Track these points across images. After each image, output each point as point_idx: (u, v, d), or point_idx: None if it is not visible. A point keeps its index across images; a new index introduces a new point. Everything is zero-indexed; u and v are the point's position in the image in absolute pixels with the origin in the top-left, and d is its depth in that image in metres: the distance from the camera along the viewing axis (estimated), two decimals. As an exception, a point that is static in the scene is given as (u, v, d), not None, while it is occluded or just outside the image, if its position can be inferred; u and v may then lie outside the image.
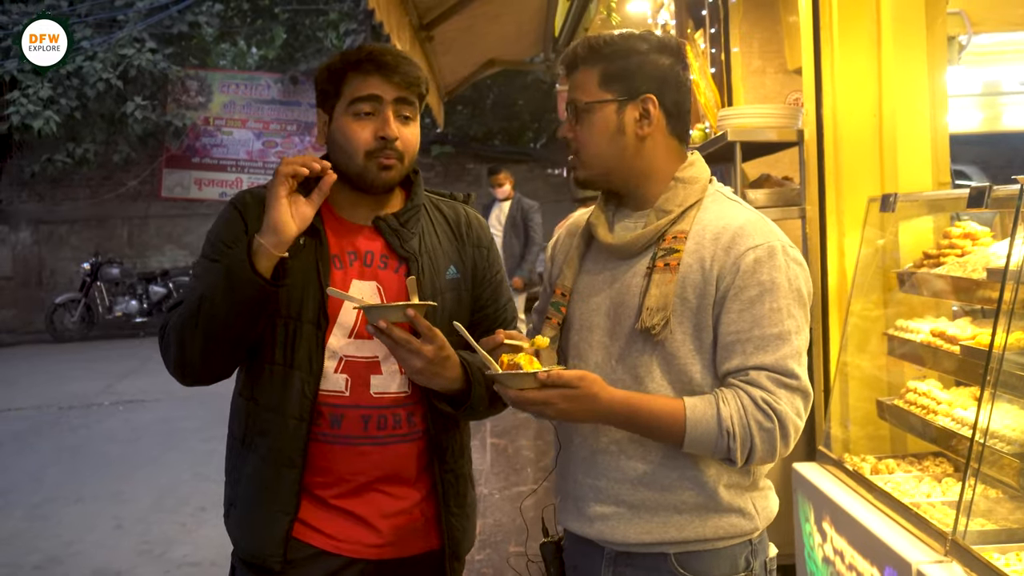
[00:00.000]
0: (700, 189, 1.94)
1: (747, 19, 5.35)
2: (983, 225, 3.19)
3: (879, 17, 3.55)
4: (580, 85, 1.94)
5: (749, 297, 1.81)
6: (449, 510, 2.13)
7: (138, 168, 18.91)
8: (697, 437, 1.78)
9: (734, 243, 1.84)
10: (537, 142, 21.88)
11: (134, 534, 5.90)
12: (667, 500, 1.87)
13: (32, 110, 16.40)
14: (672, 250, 1.86)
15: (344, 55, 2.07)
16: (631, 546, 1.90)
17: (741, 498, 1.89)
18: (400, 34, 5.95)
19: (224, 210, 2.11)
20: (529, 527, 2.35)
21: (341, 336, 2.03)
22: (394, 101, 2.01)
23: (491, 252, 2.25)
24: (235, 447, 2.12)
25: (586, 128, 1.94)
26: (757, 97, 5.33)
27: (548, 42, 9.95)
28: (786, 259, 1.84)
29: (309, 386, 2.00)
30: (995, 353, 2.49)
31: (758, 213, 1.95)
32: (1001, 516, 2.63)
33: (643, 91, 1.92)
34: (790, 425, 1.77)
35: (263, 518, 2.03)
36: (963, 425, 2.80)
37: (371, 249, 2.08)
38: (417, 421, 2.08)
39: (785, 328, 1.81)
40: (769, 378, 1.78)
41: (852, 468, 3.19)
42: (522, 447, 7.34)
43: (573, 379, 1.75)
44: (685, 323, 1.85)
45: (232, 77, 19.74)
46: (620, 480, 1.90)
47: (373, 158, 2.01)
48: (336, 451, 2.03)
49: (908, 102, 3.51)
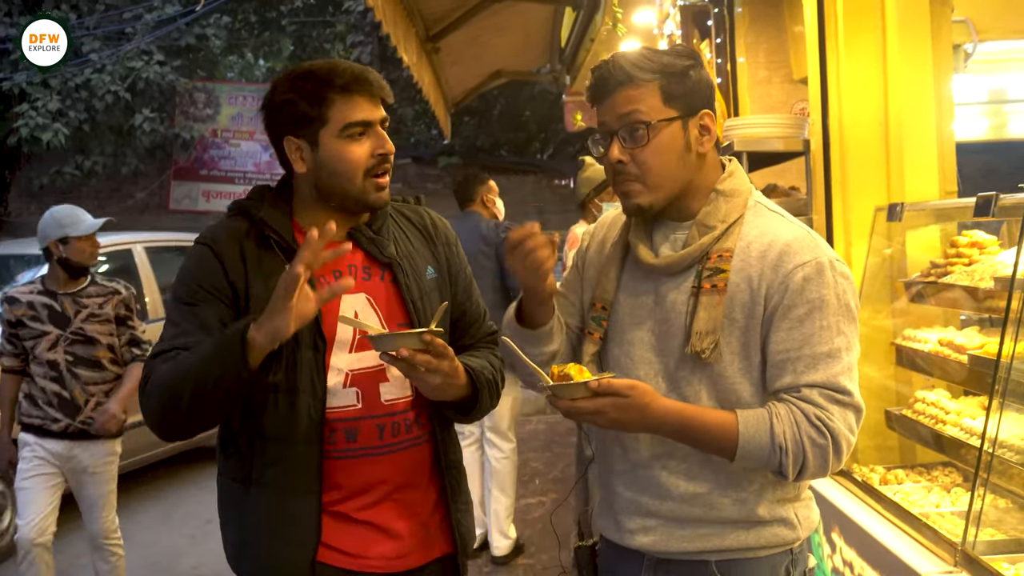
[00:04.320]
0: (742, 203, 1.90)
1: (753, 29, 5.37)
2: (990, 234, 3.18)
3: (884, 26, 3.55)
4: (635, 101, 1.83)
5: (798, 315, 1.78)
6: (458, 507, 2.15)
7: (146, 180, 19.00)
8: (750, 452, 1.76)
9: (782, 261, 1.81)
10: (544, 153, 21.91)
11: (141, 547, 5.89)
12: (709, 515, 1.87)
13: (41, 123, 16.47)
14: (718, 270, 1.83)
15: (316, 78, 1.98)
16: (672, 554, 1.90)
17: (784, 509, 1.89)
18: (406, 46, 5.97)
19: (195, 251, 2.04)
20: (542, 535, 2.37)
21: (342, 353, 2.02)
22: (380, 120, 2.03)
23: (458, 249, 2.28)
24: (234, 488, 2.05)
25: (652, 149, 1.84)
26: (763, 107, 5.34)
27: (555, 53, 9.96)
28: (834, 275, 1.81)
29: (315, 410, 1.97)
30: (1003, 362, 2.49)
31: (804, 227, 1.90)
32: (1011, 526, 2.62)
33: (700, 106, 1.88)
34: (843, 441, 1.76)
35: (286, 553, 1.99)
36: (972, 435, 2.78)
37: (353, 263, 2.06)
38: (424, 422, 2.10)
39: (835, 346, 1.79)
40: (822, 395, 1.77)
41: (861, 478, 3.18)
42: (530, 459, 7.34)
43: (624, 388, 1.73)
44: (733, 343, 1.83)
45: (240, 89, 19.84)
46: (662, 496, 1.88)
47: (371, 176, 2.00)
48: (354, 465, 2.01)
49: (914, 111, 3.50)
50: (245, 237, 2.02)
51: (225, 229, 2.05)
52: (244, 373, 1.81)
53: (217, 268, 1.99)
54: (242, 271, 1.99)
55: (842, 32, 3.59)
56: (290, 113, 2.00)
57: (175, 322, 2.01)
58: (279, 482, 1.99)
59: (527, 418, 9.05)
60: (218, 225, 2.09)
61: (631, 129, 1.84)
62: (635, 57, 1.86)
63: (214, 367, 1.84)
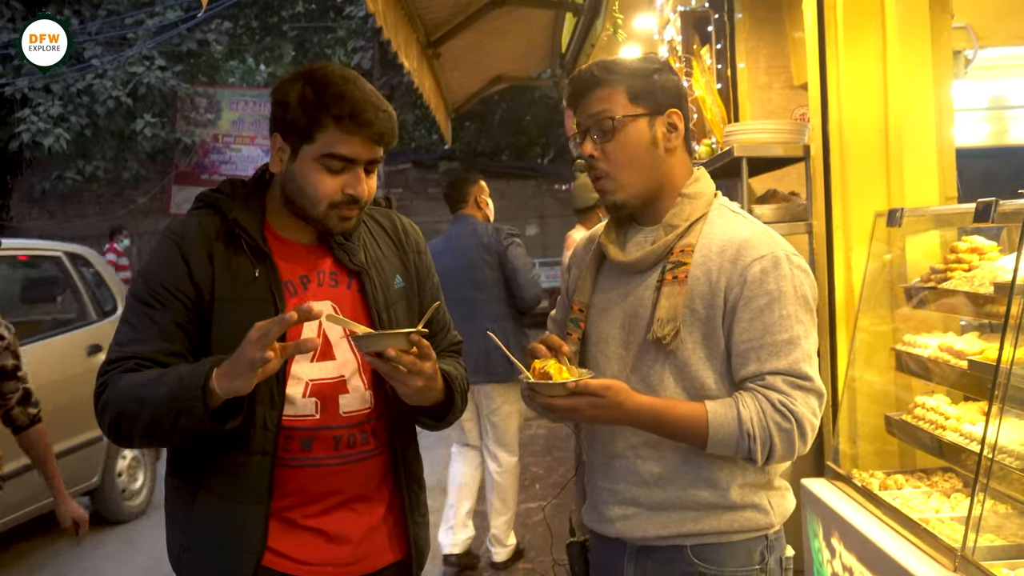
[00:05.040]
0: (705, 204, 2.01)
1: (753, 35, 5.37)
2: (990, 240, 3.19)
3: (884, 31, 3.56)
4: (605, 102, 1.97)
5: (758, 306, 1.89)
6: (414, 519, 2.13)
7: (148, 185, 19.04)
8: (720, 439, 1.86)
9: (739, 255, 1.92)
10: (545, 157, 21.93)
11: (144, 550, 5.90)
12: (683, 500, 1.95)
13: (42, 128, 16.53)
14: (680, 263, 1.94)
15: (320, 95, 1.90)
16: (650, 540, 1.98)
17: (756, 495, 1.97)
18: (407, 51, 5.97)
19: (162, 246, 1.98)
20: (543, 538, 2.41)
21: (304, 361, 1.98)
22: (368, 161, 1.95)
23: (427, 256, 2.25)
24: (183, 489, 2.00)
25: (619, 144, 1.97)
26: (763, 112, 5.34)
27: (555, 58, 9.98)
28: (790, 267, 1.92)
29: (271, 419, 1.93)
30: (1003, 368, 2.49)
31: (762, 226, 2.02)
32: (1011, 532, 2.62)
33: (667, 106, 1.99)
34: (807, 424, 1.86)
35: (229, 561, 1.95)
36: (972, 440, 2.78)
37: (322, 268, 2.04)
38: (380, 434, 2.06)
39: (795, 333, 1.89)
40: (784, 381, 1.87)
41: (861, 484, 3.18)
42: (530, 463, 7.34)
43: (599, 388, 1.83)
44: (695, 333, 1.93)
45: (241, 94, 19.88)
46: (637, 483, 1.98)
47: (336, 209, 1.95)
48: (307, 474, 1.98)
49: (914, 116, 3.51)
50: (215, 237, 1.96)
51: (194, 227, 1.99)
52: (205, 423, 1.78)
53: (182, 268, 1.94)
54: (208, 273, 1.94)
55: (842, 38, 3.60)
56: (284, 113, 1.95)
57: (133, 325, 1.94)
58: (227, 490, 1.95)
59: (528, 423, 9.04)
60: (187, 220, 2.01)
61: (600, 125, 1.97)
62: (606, 63, 2.01)
63: (172, 412, 1.79)
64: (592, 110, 1.98)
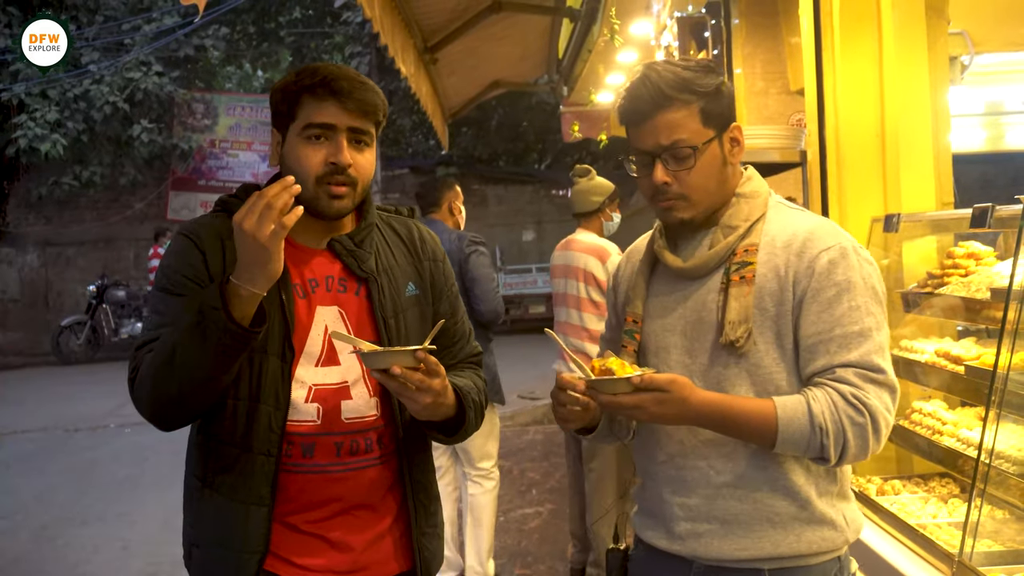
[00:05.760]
0: (763, 203, 1.96)
1: (750, 41, 5.39)
2: (986, 245, 3.19)
3: (880, 37, 3.56)
4: (678, 126, 1.88)
5: (827, 298, 1.83)
6: (421, 531, 2.11)
7: (144, 190, 19.02)
8: (790, 436, 1.78)
9: (806, 247, 1.86)
10: (542, 163, 21.94)
11: (141, 556, 5.89)
12: (760, 511, 1.87)
13: (39, 133, 16.52)
14: (745, 263, 1.88)
15: (299, 76, 1.99)
16: (724, 561, 1.90)
17: (833, 508, 1.90)
18: (404, 56, 5.98)
19: (176, 241, 2.02)
20: (539, 545, 2.37)
21: (308, 365, 1.98)
22: (348, 129, 1.95)
23: (445, 265, 2.23)
24: (195, 486, 2.03)
25: (697, 171, 1.89)
26: (760, 118, 5.35)
27: (552, 63, 10.00)
28: (858, 258, 1.87)
29: (276, 420, 1.94)
30: (1000, 373, 2.49)
31: (823, 217, 1.97)
32: (1008, 537, 2.62)
33: (730, 120, 1.95)
34: (881, 419, 1.79)
35: (231, 560, 1.96)
36: (968, 445, 2.79)
37: (331, 273, 2.03)
38: (387, 443, 2.04)
39: (866, 325, 1.82)
40: (856, 374, 1.80)
41: (858, 489, 3.18)
42: (527, 468, 7.33)
43: (664, 383, 1.76)
44: (767, 332, 1.86)
45: (238, 100, 19.86)
46: (711, 496, 1.89)
47: (323, 184, 1.95)
48: (308, 480, 1.97)
49: (910, 122, 3.52)
50: (228, 237, 1.95)
51: (207, 225, 2.03)
52: (228, 324, 1.76)
53: (199, 258, 1.97)
54: (221, 267, 1.96)
55: (838, 43, 3.61)
56: (273, 105, 2.01)
57: (159, 312, 1.96)
58: (231, 489, 1.96)
59: (524, 428, 9.05)
60: (201, 219, 2.06)
61: (676, 153, 1.89)
62: (671, 78, 1.88)
63: (194, 329, 1.79)
64: (665, 135, 1.88)
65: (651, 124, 1.89)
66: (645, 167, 1.93)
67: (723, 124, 1.92)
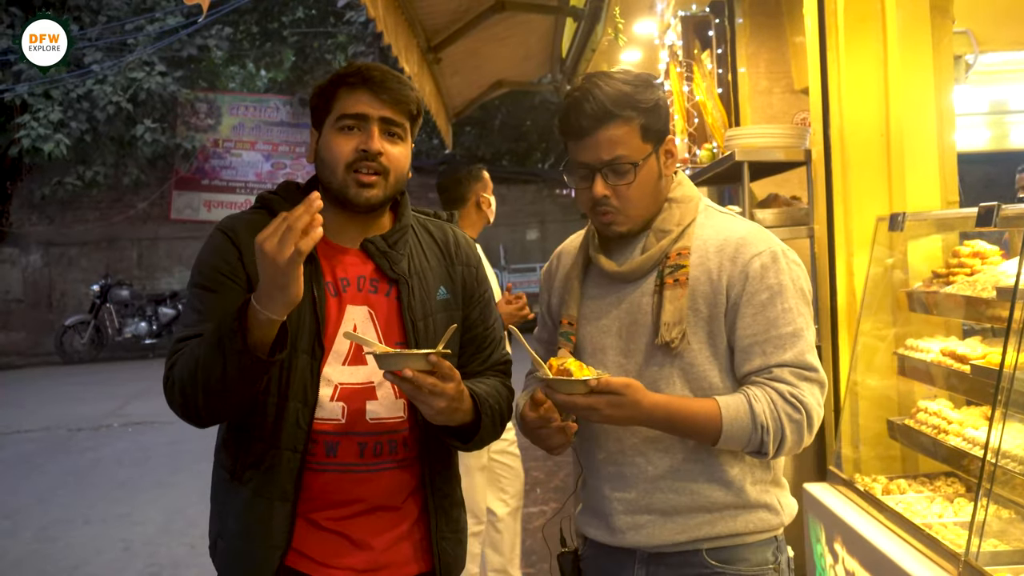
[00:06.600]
0: (694, 207, 2.03)
1: (754, 40, 5.38)
2: (992, 244, 3.18)
3: (885, 36, 3.56)
4: (619, 142, 1.93)
5: (761, 301, 1.91)
6: (442, 534, 2.10)
7: (148, 190, 19.04)
8: (733, 434, 1.86)
9: (739, 252, 1.94)
10: (545, 162, 21.94)
11: (142, 556, 5.89)
12: (696, 501, 1.94)
13: (42, 133, 16.54)
14: (679, 266, 1.95)
15: (336, 73, 2.05)
16: (664, 547, 1.97)
17: (767, 494, 1.98)
18: (408, 56, 5.97)
19: (213, 236, 2.04)
20: (544, 544, 2.36)
21: (336, 363, 1.99)
22: (380, 119, 1.98)
23: (479, 271, 2.23)
24: (223, 479, 2.06)
25: (636, 185, 1.95)
26: (764, 117, 5.34)
27: (556, 63, 9.98)
28: (787, 262, 1.96)
29: (304, 417, 1.95)
30: (1006, 372, 2.48)
31: (753, 223, 2.05)
32: (1014, 537, 2.61)
33: (665, 133, 2.01)
34: (815, 414, 1.89)
35: (254, 554, 1.98)
36: (974, 445, 2.78)
37: (363, 273, 2.04)
38: (411, 446, 2.05)
39: (798, 326, 1.91)
40: (792, 373, 1.89)
41: (863, 488, 3.18)
42: (531, 468, 7.32)
43: (620, 386, 1.81)
44: (699, 332, 1.94)
45: (241, 99, 19.87)
46: (649, 490, 1.96)
47: (352, 171, 1.97)
48: (331, 479, 1.98)
49: (915, 121, 3.51)
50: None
51: (245, 221, 2.04)
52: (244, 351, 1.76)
53: (234, 254, 1.99)
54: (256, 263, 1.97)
55: (843, 42, 3.60)
56: (312, 104, 2.06)
57: (196, 308, 1.99)
58: (257, 484, 1.97)
59: (528, 428, 9.03)
60: (239, 216, 2.08)
61: (617, 169, 1.94)
62: (615, 95, 1.93)
63: (218, 351, 1.81)
64: (606, 150, 1.93)
65: (593, 139, 1.94)
66: (584, 180, 1.98)
67: (660, 138, 1.98)
